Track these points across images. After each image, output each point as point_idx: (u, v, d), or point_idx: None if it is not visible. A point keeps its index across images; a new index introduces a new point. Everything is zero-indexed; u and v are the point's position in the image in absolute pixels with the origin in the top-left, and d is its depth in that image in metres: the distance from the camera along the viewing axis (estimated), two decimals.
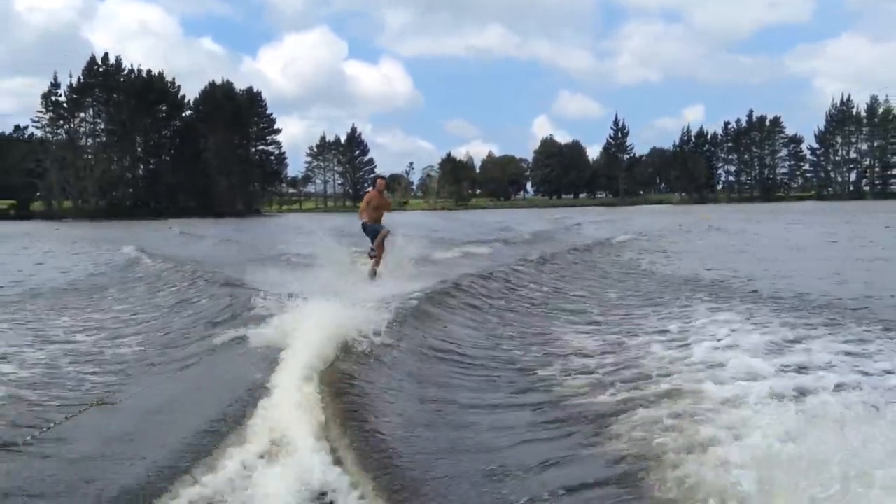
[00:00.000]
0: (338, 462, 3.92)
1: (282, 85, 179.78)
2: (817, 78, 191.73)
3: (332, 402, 4.71)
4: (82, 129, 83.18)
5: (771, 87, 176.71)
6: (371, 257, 12.09)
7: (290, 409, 4.49)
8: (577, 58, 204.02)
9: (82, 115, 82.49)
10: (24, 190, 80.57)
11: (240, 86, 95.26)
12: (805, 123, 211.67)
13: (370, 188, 13.18)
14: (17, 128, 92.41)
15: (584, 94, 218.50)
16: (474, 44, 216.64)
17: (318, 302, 7.05)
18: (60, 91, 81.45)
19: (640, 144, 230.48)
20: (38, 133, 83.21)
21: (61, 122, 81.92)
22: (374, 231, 12.04)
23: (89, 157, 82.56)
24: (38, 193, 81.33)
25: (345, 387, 5.07)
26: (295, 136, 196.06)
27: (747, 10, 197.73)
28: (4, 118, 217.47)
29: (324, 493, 3.63)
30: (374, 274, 11.86)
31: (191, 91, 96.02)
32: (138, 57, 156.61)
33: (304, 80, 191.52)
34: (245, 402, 4.72)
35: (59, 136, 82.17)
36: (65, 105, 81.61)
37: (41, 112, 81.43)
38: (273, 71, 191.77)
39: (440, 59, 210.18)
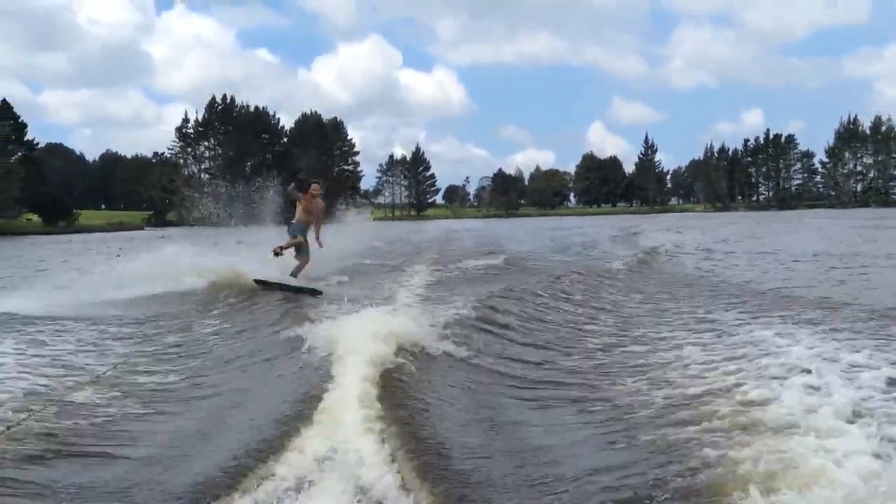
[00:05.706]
0: (393, 469, 3.88)
1: (337, 94, 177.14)
2: (879, 81, 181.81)
3: (389, 407, 4.69)
4: (205, 155, 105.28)
5: (830, 91, 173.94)
6: (276, 254, 11.49)
7: (346, 414, 4.51)
8: (629, 63, 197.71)
9: (206, 143, 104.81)
10: (160, 203, 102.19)
11: (296, 98, 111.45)
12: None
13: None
14: (155, 154, 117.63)
15: (638, 100, 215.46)
16: (525, 51, 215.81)
17: (374, 306, 7.47)
18: (189, 124, 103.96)
19: (697, 149, 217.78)
20: (172, 157, 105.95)
21: (189, 149, 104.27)
22: (297, 231, 11.57)
23: (210, 176, 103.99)
24: (171, 206, 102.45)
25: (401, 392, 5.07)
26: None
27: (804, 12, 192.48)
28: (69, 130, 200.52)
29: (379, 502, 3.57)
30: (297, 272, 11.39)
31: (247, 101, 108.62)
32: (196, 69, 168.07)
33: (358, 89, 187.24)
34: (300, 407, 4.75)
35: (189, 160, 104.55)
36: (192, 136, 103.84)
37: (174, 141, 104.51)
38: (327, 81, 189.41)
39: (492, 66, 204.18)
